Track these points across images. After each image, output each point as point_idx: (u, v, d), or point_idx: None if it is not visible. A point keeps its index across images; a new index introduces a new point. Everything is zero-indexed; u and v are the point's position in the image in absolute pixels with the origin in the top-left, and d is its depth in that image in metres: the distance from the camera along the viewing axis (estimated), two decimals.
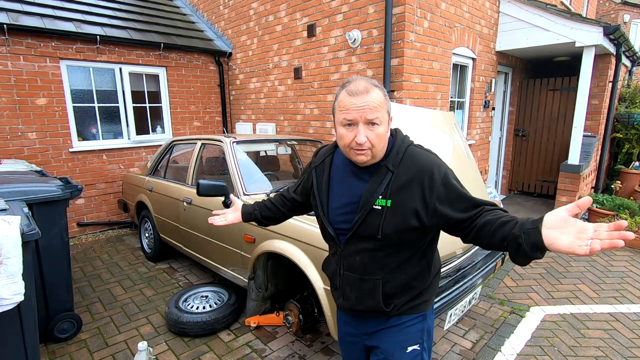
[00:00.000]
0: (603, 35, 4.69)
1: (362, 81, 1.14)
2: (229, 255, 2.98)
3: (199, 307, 2.94)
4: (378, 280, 1.26)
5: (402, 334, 1.33)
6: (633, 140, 6.31)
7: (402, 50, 3.97)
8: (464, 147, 2.89)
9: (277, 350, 2.64)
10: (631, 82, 6.82)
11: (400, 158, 1.20)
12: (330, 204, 1.31)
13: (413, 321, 1.33)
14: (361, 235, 1.24)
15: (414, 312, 1.33)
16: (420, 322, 1.34)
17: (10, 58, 4.37)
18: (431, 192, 1.15)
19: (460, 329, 2.88)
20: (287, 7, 5.16)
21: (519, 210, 5.99)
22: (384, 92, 1.18)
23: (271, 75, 5.68)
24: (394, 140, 1.25)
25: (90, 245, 4.78)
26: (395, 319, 1.33)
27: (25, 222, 1.93)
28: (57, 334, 2.69)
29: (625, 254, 4.28)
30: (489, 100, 5.72)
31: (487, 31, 5.33)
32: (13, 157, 4.41)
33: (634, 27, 12.52)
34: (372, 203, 1.19)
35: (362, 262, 1.27)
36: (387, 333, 1.34)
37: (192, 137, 3.82)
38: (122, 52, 5.24)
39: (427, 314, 1.37)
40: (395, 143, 1.24)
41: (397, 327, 1.33)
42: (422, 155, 1.22)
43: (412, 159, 1.20)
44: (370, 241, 1.23)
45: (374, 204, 1.18)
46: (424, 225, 1.18)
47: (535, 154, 6.62)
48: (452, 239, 2.24)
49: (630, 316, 3.05)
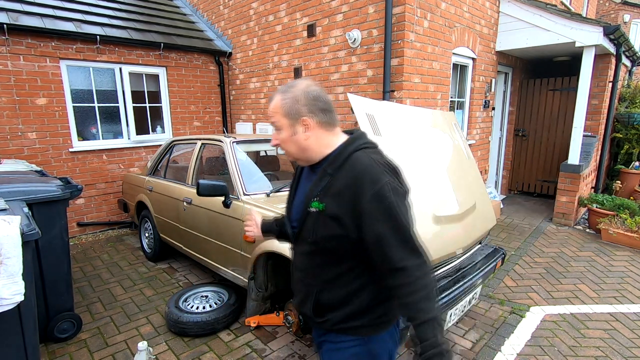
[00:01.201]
0: (603, 35, 4.69)
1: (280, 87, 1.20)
2: (229, 255, 2.98)
3: (199, 307, 2.94)
4: (313, 287, 1.23)
5: (336, 353, 1.26)
6: (633, 140, 6.31)
7: (402, 50, 3.97)
8: (464, 147, 2.89)
9: (277, 350, 2.64)
10: (631, 82, 6.81)
11: (341, 163, 1.14)
12: (294, 202, 1.33)
13: (349, 343, 1.23)
14: (303, 236, 1.22)
15: (352, 333, 1.23)
16: (357, 346, 1.22)
17: (10, 58, 4.37)
18: (358, 204, 1.08)
19: (460, 329, 2.88)
20: (287, 7, 5.16)
21: (519, 210, 5.99)
22: (286, 97, 1.16)
23: (271, 75, 5.68)
24: (342, 143, 1.20)
25: (90, 245, 4.78)
26: (333, 335, 1.26)
27: (25, 222, 1.93)
28: (57, 334, 2.69)
29: (625, 254, 4.28)
30: (489, 100, 5.72)
31: (487, 31, 5.33)
32: (13, 157, 4.40)
33: (634, 27, 12.52)
34: (308, 205, 1.18)
35: (303, 265, 1.27)
36: (325, 348, 1.29)
37: (192, 137, 3.82)
38: (122, 52, 5.24)
39: (370, 339, 1.23)
40: (340, 147, 1.18)
41: (334, 344, 1.26)
42: (363, 163, 1.11)
43: (352, 166, 1.12)
44: (307, 244, 1.21)
45: (309, 206, 1.16)
46: (349, 237, 1.11)
47: (535, 154, 6.63)
48: (452, 239, 2.25)
49: (630, 316, 3.05)
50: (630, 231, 4.48)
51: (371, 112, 2.15)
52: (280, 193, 2.95)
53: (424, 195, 2.16)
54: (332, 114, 1.21)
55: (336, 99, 4.76)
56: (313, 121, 1.17)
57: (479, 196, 2.69)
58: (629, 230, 4.50)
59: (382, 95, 4.12)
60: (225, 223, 2.93)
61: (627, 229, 4.52)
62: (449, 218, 2.25)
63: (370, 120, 2.10)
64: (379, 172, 1.09)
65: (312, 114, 1.16)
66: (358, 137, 1.21)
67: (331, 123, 1.20)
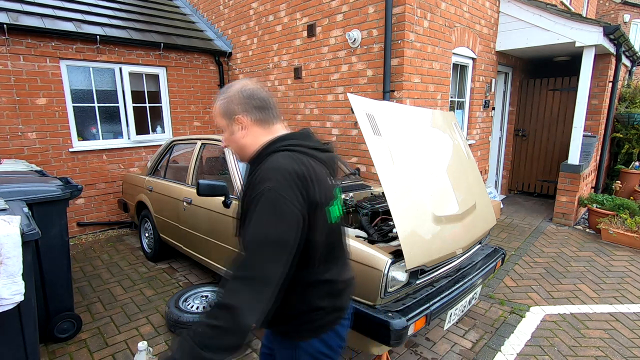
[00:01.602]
0: (603, 35, 4.69)
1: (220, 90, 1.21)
2: (229, 255, 2.98)
3: (199, 307, 2.94)
4: None
5: (279, 355, 1.28)
6: (633, 140, 6.31)
7: (402, 50, 3.97)
8: (464, 147, 2.88)
9: None
10: (631, 82, 6.81)
11: (259, 162, 1.13)
12: None
13: (285, 345, 1.23)
14: None
15: (284, 337, 1.23)
16: (290, 350, 1.21)
17: (10, 58, 4.37)
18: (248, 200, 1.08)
19: (460, 329, 2.88)
20: (287, 7, 5.16)
21: (519, 210, 5.99)
22: (222, 99, 1.18)
23: (271, 75, 5.68)
24: (265, 142, 1.18)
25: (90, 245, 4.78)
26: (275, 336, 1.27)
27: (25, 222, 1.93)
28: (57, 333, 2.69)
29: (625, 254, 4.28)
30: (489, 100, 5.72)
31: (487, 31, 5.33)
32: (13, 157, 4.40)
33: (634, 27, 12.52)
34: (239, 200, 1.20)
35: None
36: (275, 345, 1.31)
37: (192, 137, 3.82)
38: (122, 52, 5.24)
39: (301, 345, 1.20)
40: (263, 146, 1.17)
41: (278, 344, 1.27)
42: (271, 164, 1.08)
43: (264, 165, 1.09)
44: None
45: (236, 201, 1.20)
46: None
47: (535, 153, 6.63)
48: (452, 239, 2.25)
49: (630, 316, 3.05)
50: (630, 231, 4.49)
51: (371, 112, 2.15)
52: None
53: (424, 195, 2.16)
54: (269, 111, 1.19)
55: (336, 99, 4.76)
56: (247, 119, 1.17)
57: (479, 196, 2.69)
58: (628, 230, 4.50)
59: (382, 95, 4.13)
60: (225, 223, 2.93)
61: (627, 229, 4.52)
62: (449, 218, 2.25)
63: (370, 120, 2.09)
64: (273, 175, 1.03)
65: (246, 112, 1.16)
66: (284, 138, 1.17)
67: (267, 120, 1.19)
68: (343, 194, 3.09)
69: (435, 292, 2.18)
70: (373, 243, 2.21)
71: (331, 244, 1.21)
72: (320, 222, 1.11)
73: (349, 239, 2.10)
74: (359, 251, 2.05)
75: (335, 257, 1.25)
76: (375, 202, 2.73)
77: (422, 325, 1.99)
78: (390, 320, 1.84)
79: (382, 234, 2.42)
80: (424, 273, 2.19)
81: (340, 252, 1.29)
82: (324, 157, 1.19)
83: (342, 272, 1.27)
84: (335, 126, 4.82)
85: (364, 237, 2.34)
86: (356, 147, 4.60)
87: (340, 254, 1.29)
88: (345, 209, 3.03)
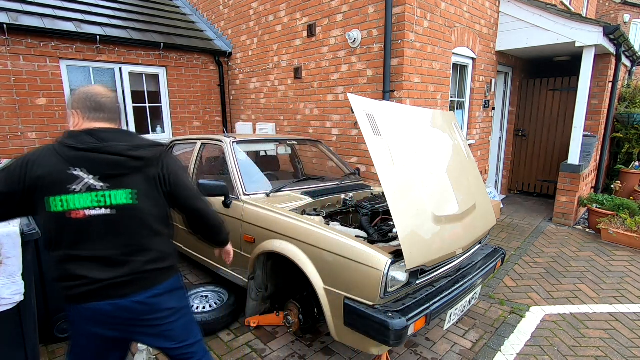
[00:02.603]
0: (603, 35, 4.69)
1: None
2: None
3: (199, 307, 2.94)
4: None
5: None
6: (633, 140, 6.32)
7: (402, 50, 3.97)
8: (464, 147, 2.89)
9: (277, 350, 2.64)
10: (631, 82, 6.82)
11: None
12: None
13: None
14: None
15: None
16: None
17: (10, 58, 4.37)
18: None
19: (460, 329, 2.88)
20: (287, 7, 5.16)
21: (519, 210, 5.99)
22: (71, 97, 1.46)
23: (271, 75, 5.69)
24: None
25: None
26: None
27: (25, 222, 1.93)
28: (57, 334, 2.69)
29: (625, 254, 4.28)
30: (489, 100, 5.72)
31: (487, 31, 5.33)
32: (13, 157, 4.41)
33: (634, 27, 12.53)
34: None
35: None
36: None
37: (192, 137, 3.81)
38: (122, 52, 5.24)
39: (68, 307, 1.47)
40: None
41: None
42: None
43: None
44: None
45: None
46: None
47: (535, 154, 6.63)
48: (452, 239, 2.25)
49: (630, 316, 3.05)
50: (630, 231, 4.49)
51: (371, 112, 2.15)
52: (280, 193, 2.95)
53: (423, 195, 2.16)
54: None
55: (336, 99, 4.76)
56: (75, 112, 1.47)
57: (479, 196, 2.69)
58: (628, 230, 4.50)
59: (382, 95, 4.13)
60: (225, 223, 2.92)
61: (627, 229, 4.52)
62: (449, 218, 2.25)
63: (370, 120, 2.09)
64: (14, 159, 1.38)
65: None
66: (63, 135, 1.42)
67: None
68: (342, 194, 3.09)
69: (435, 292, 2.18)
70: (373, 243, 2.21)
71: (56, 230, 1.39)
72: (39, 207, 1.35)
73: (349, 239, 2.11)
74: (358, 251, 2.05)
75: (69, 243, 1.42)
76: (375, 202, 2.73)
77: (422, 325, 1.99)
78: (390, 320, 1.84)
79: (382, 234, 2.42)
80: (424, 273, 2.19)
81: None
82: (72, 155, 1.34)
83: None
84: (335, 126, 4.83)
85: (364, 237, 2.35)
86: (356, 147, 4.60)
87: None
88: (345, 209, 3.03)
